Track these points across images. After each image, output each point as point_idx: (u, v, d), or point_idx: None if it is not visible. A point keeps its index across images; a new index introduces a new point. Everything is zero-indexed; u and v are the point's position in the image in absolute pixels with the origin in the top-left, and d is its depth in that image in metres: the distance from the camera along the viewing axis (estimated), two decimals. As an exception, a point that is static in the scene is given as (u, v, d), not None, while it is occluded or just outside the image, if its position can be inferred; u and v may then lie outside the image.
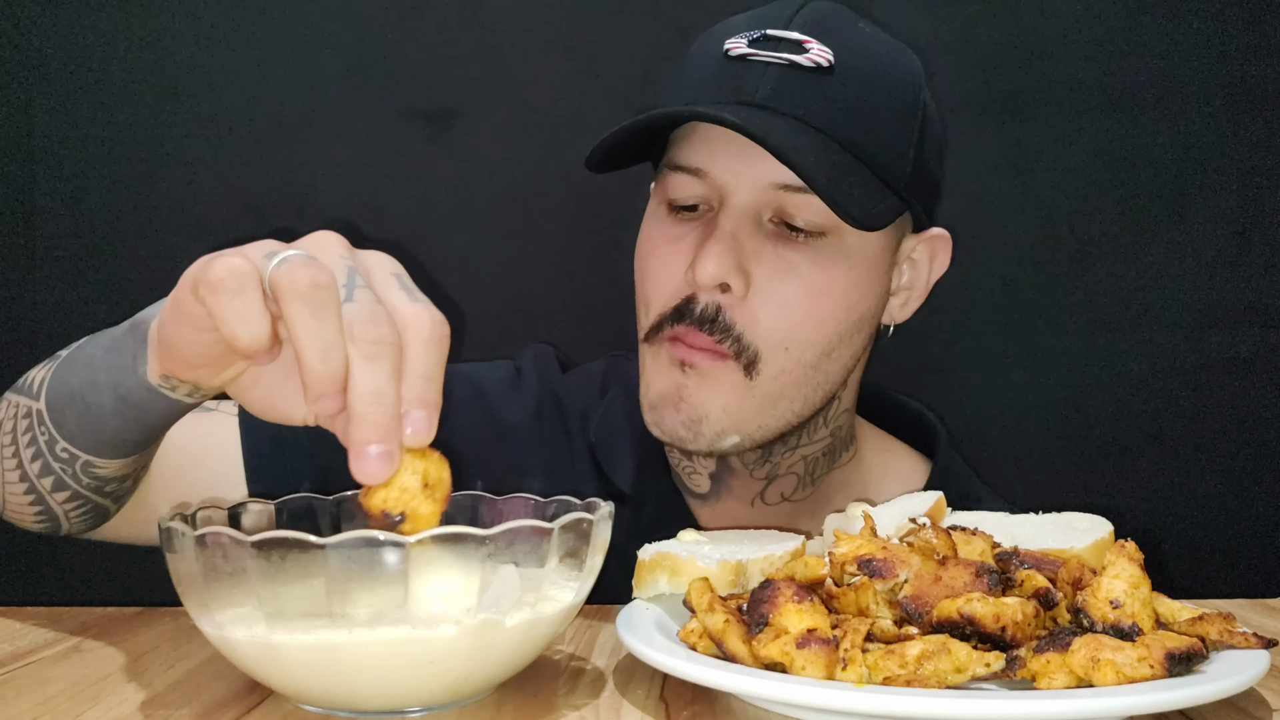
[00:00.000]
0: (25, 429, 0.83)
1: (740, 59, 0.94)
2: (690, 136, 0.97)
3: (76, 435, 0.80)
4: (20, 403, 0.84)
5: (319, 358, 0.59)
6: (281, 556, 0.63)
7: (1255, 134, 1.50)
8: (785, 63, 0.93)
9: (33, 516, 0.87)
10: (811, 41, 0.93)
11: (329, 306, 0.60)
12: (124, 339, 0.76)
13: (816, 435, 1.04)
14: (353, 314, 0.60)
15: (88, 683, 0.74)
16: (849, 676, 0.63)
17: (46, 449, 0.82)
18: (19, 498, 0.86)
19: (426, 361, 0.61)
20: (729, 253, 0.93)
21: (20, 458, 0.84)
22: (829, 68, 0.93)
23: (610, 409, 1.11)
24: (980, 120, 1.50)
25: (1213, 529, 1.53)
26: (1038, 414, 1.52)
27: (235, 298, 0.60)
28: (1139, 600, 0.67)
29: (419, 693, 0.66)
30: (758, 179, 0.94)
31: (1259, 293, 1.51)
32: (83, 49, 1.47)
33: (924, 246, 1.04)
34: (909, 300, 1.05)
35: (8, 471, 0.85)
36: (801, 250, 0.95)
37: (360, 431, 0.59)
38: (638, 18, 1.46)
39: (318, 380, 0.59)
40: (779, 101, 0.92)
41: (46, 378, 0.83)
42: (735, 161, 0.94)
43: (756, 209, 0.95)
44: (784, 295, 0.94)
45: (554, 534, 0.66)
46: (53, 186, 1.48)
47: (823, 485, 1.07)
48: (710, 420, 0.95)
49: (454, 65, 1.49)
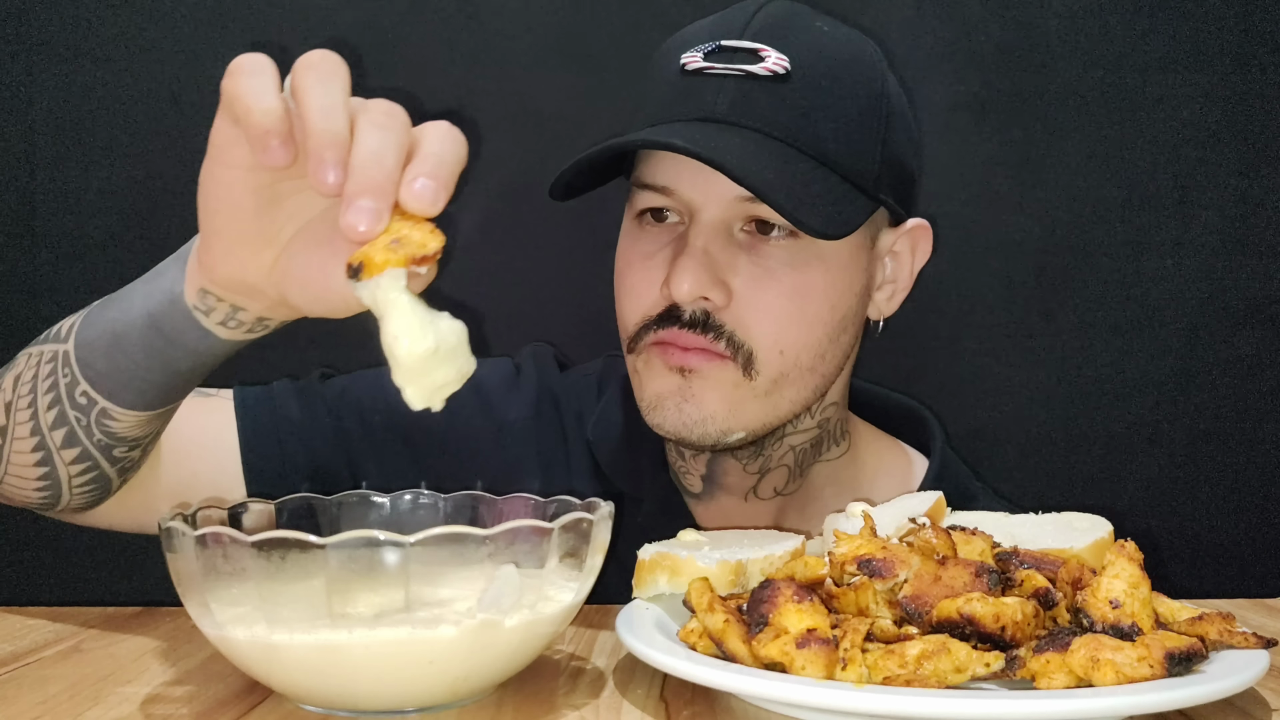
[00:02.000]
0: (47, 374, 0.82)
1: (696, 73, 0.94)
2: (655, 154, 0.97)
3: (100, 376, 0.79)
4: (45, 350, 0.83)
5: (321, 115, 0.61)
6: (281, 556, 0.63)
7: (1255, 134, 1.50)
8: (741, 74, 0.93)
9: (35, 483, 0.86)
10: (767, 50, 0.93)
11: (337, 77, 0.63)
12: (165, 265, 0.77)
13: (802, 425, 1.04)
14: (366, 101, 0.63)
15: (88, 683, 0.74)
16: (849, 676, 0.63)
17: (66, 394, 0.81)
18: (24, 456, 0.84)
19: (440, 146, 0.63)
20: (702, 268, 0.93)
21: (36, 407, 0.82)
22: (785, 75, 0.93)
23: (607, 408, 1.11)
24: (980, 120, 1.50)
25: (1213, 529, 1.53)
26: (1038, 414, 1.52)
27: (251, 77, 0.63)
28: (1139, 600, 0.68)
29: (419, 693, 0.66)
30: (724, 194, 0.94)
31: (1259, 293, 1.51)
32: (83, 49, 1.47)
33: (904, 239, 1.04)
34: (894, 294, 1.05)
35: (18, 425, 0.84)
36: (777, 255, 0.95)
37: (351, 184, 0.60)
38: (638, 18, 1.46)
39: (319, 141, 0.60)
40: (738, 115, 0.92)
41: (77, 322, 0.82)
42: (700, 178, 0.94)
43: (726, 222, 0.95)
44: (766, 301, 0.95)
45: (554, 534, 0.66)
46: (53, 186, 1.48)
47: (811, 477, 1.07)
48: (716, 419, 0.96)
49: (454, 65, 1.49)
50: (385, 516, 0.82)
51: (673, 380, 0.96)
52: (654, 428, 0.98)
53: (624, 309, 1.00)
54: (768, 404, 0.97)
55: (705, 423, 0.95)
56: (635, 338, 0.98)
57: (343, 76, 0.63)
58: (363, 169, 0.60)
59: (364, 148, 0.61)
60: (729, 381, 0.95)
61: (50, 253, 1.48)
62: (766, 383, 0.96)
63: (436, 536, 0.62)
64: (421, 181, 0.61)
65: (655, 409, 0.97)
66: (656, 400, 0.97)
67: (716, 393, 0.95)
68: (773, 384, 0.96)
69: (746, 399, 0.96)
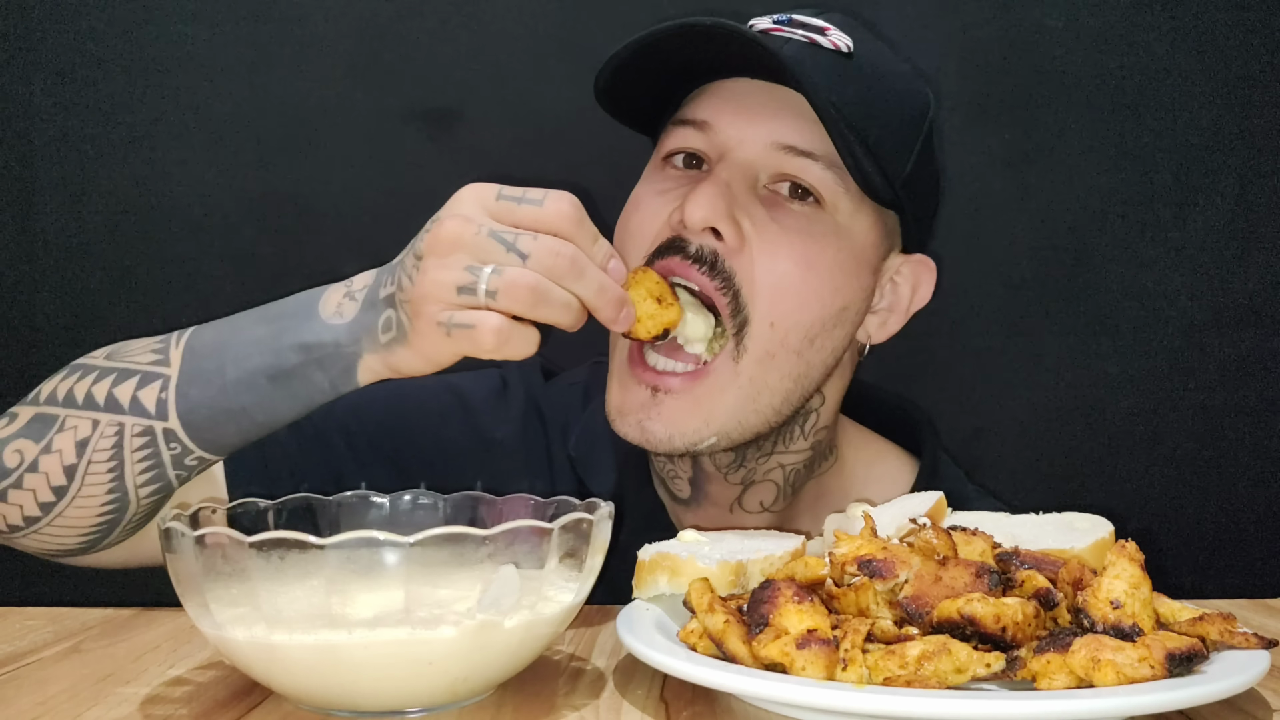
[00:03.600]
0: (141, 446, 0.84)
1: (763, 33, 0.94)
2: (699, 97, 0.97)
3: (230, 445, 0.85)
4: (129, 423, 0.84)
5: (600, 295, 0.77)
6: (281, 556, 0.63)
7: (1255, 134, 1.50)
8: (806, 40, 0.94)
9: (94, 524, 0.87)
10: (832, 29, 0.94)
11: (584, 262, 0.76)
12: (305, 370, 0.81)
13: (794, 446, 1.02)
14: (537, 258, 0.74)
15: (88, 683, 0.74)
16: (849, 677, 0.63)
17: (172, 463, 0.85)
18: (93, 501, 0.86)
19: (584, 236, 0.76)
20: (720, 197, 0.91)
21: (123, 472, 0.84)
22: (848, 53, 0.94)
23: (591, 420, 1.09)
24: (980, 120, 1.50)
25: (1213, 529, 1.53)
26: (1038, 414, 1.52)
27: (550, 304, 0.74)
28: (1139, 600, 0.67)
29: (418, 693, 0.66)
30: (762, 137, 0.93)
31: (1259, 293, 1.51)
32: (83, 49, 1.47)
33: (909, 269, 1.03)
34: (887, 322, 1.04)
35: (90, 485, 0.85)
36: (794, 217, 0.94)
37: (602, 314, 0.78)
38: (638, 18, 1.46)
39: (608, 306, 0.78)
40: (799, 67, 0.90)
41: (168, 399, 0.84)
42: (741, 117, 0.94)
43: (755, 169, 0.94)
44: (774, 258, 0.93)
45: (554, 534, 0.66)
46: (53, 186, 1.48)
47: (801, 494, 1.06)
48: (686, 434, 0.94)
49: (454, 65, 1.49)
50: (385, 517, 0.82)
51: (640, 394, 0.94)
52: (618, 433, 0.96)
53: (624, 246, 0.97)
54: (749, 393, 0.94)
55: (671, 439, 0.94)
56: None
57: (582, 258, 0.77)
58: (598, 305, 0.78)
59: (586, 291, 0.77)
60: (701, 393, 0.93)
61: (50, 253, 1.48)
62: (751, 363, 0.93)
63: (436, 537, 0.62)
64: (612, 266, 0.79)
65: (619, 418, 0.96)
66: (619, 411, 0.95)
67: (685, 409, 0.93)
68: (756, 364, 0.93)
69: (726, 394, 0.94)
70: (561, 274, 0.75)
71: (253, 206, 1.49)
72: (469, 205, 0.76)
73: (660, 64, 0.95)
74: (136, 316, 1.47)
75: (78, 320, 1.47)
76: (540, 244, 0.74)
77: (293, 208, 1.49)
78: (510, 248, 0.73)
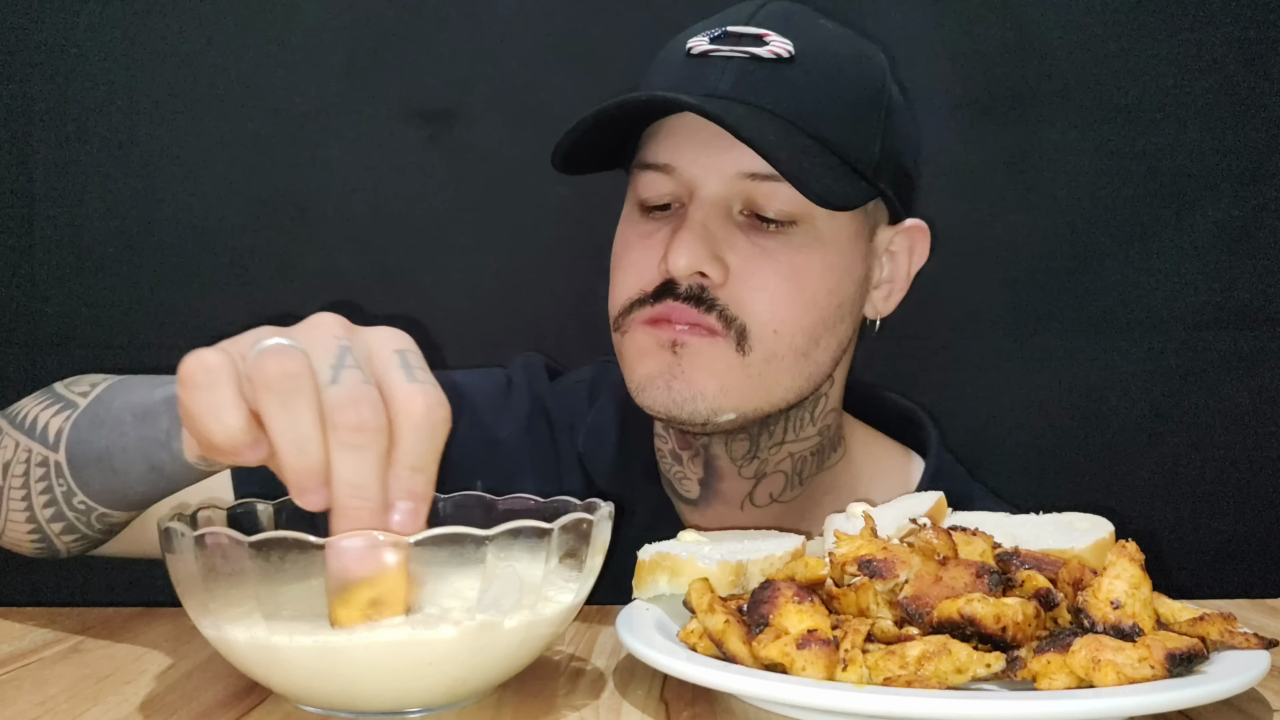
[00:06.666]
0: (40, 477, 0.83)
1: (702, 55, 0.95)
2: (657, 134, 0.98)
3: (99, 494, 0.81)
4: (35, 450, 0.83)
5: (293, 451, 0.58)
6: (281, 557, 0.63)
7: (1255, 134, 1.50)
8: (746, 56, 0.94)
9: (31, 545, 0.87)
10: (771, 34, 0.95)
11: (300, 395, 0.58)
12: (157, 409, 0.75)
13: (804, 433, 1.03)
14: (334, 399, 0.58)
15: (88, 683, 0.73)
16: (849, 677, 0.63)
17: (63, 500, 0.82)
18: (19, 526, 0.86)
19: (416, 449, 0.59)
20: (700, 242, 0.93)
21: (31, 502, 0.83)
22: (789, 58, 0.94)
23: (598, 417, 1.10)
24: (980, 120, 1.50)
25: (1213, 529, 1.53)
26: (1038, 414, 1.52)
27: (205, 392, 0.59)
28: (1140, 601, 0.67)
29: (418, 694, 0.66)
30: (725, 169, 0.94)
31: (1259, 293, 1.51)
32: (82, 49, 1.47)
33: (901, 238, 1.04)
34: (891, 293, 1.06)
35: (13, 510, 0.85)
36: (775, 238, 0.95)
37: (339, 524, 0.58)
38: (638, 18, 1.46)
39: (295, 475, 0.58)
40: (740, 92, 0.93)
41: (64, 429, 0.82)
42: (701, 154, 0.95)
43: (726, 200, 0.96)
44: (763, 279, 0.95)
45: (554, 534, 0.66)
46: (53, 187, 1.48)
47: (810, 487, 1.06)
48: (706, 397, 0.95)
49: (454, 65, 1.49)
50: (385, 517, 0.82)
51: (663, 358, 0.95)
52: (644, 408, 0.98)
53: (618, 286, 1.00)
54: (760, 385, 0.96)
55: (695, 400, 0.95)
56: (625, 312, 0.98)
57: (306, 393, 0.58)
58: (345, 507, 0.58)
59: (343, 479, 0.58)
60: (720, 358, 0.95)
61: (50, 253, 1.48)
62: (759, 361, 0.95)
63: (436, 537, 0.62)
64: (401, 508, 0.60)
65: (645, 389, 0.97)
66: (646, 380, 0.97)
67: (707, 370, 0.95)
68: (765, 363, 0.95)
69: (738, 377, 0.95)
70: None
71: (253, 206, 1.49)
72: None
73: (610, 131, 0.98)
74: (136, 316, 1.47)
75: (78, 320, 1.47)
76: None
77: (293, 208, 1.49)
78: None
